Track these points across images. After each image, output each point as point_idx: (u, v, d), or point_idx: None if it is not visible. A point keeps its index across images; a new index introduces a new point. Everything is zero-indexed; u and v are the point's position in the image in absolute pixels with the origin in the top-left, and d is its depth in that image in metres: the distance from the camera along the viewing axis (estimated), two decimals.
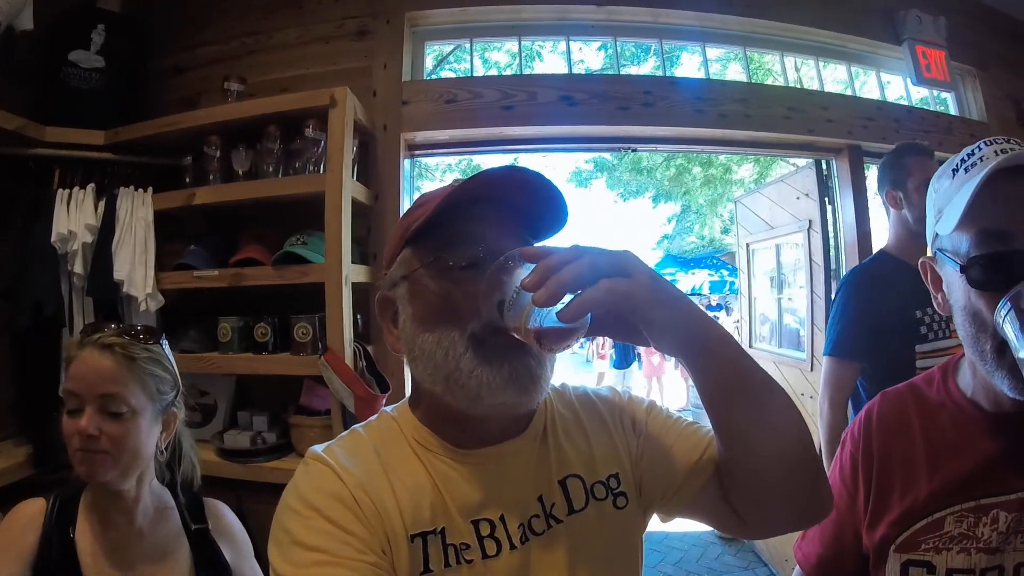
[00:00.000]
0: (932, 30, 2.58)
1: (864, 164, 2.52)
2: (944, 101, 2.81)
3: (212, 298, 2.00)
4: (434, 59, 2.98)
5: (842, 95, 2.62)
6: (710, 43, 2.59)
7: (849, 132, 2.44)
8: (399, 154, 2.16)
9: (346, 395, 1.74)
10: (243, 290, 1.88)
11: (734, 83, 2.63)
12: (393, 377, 1.93)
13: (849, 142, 2.47)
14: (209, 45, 2.31)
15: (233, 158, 1.97)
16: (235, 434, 1.92)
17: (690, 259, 12.74)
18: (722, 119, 2.31)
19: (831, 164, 2.64)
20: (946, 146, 2.39)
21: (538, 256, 0.53)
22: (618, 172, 11.37)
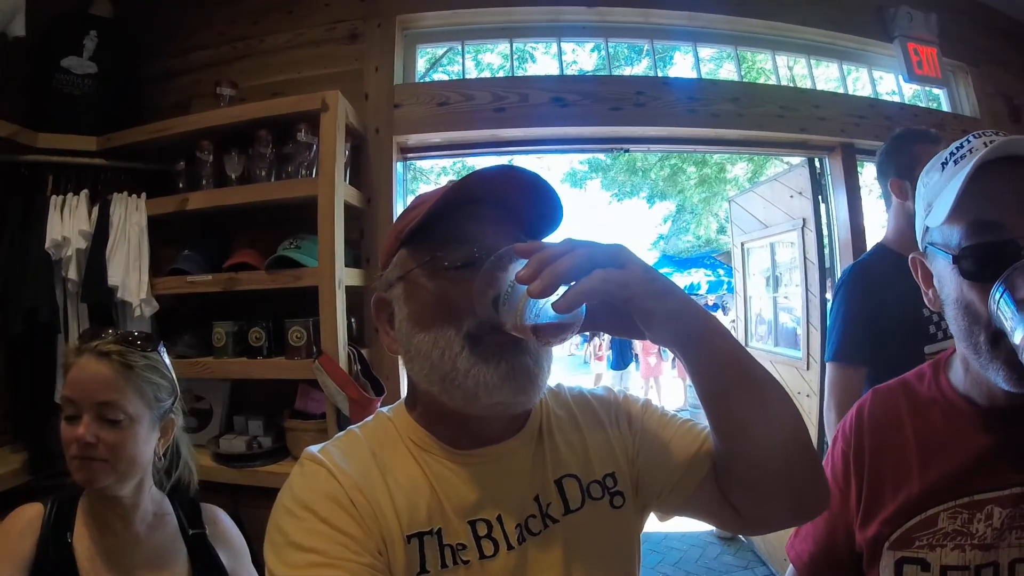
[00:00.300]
0: (923, 27, 2.58)
1: (857, 162, 2.53)
2: (936, 98, 2.82)
3: (206, 303, 2.00)
4: (427, 62, 2.98)
5: (834, 93, 2.63)
6: (702, 43, 2.59)
7: (841, 130, 2.45)
8: (391, 157, 2.15)
9: (341, 399, 1.73)
10: (237, 295, 1.88)
11: (726, 82, 2.64)
12: (388, 380, 1.92)
13: (842, 140, 2.48)
14: (201, 50, 2.30)
15: (226, 163, 1.97)
16: (231, 439, 1.92)
17: (686, 259, 12.68)
18: (714, 118, 2.31)
19: (824, 162, 2.65)
20: None
21: (532, 251, 0.53)
22: (613, 173, 11.42)
